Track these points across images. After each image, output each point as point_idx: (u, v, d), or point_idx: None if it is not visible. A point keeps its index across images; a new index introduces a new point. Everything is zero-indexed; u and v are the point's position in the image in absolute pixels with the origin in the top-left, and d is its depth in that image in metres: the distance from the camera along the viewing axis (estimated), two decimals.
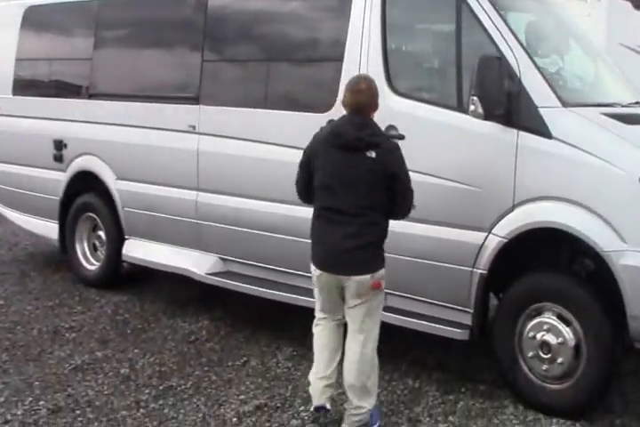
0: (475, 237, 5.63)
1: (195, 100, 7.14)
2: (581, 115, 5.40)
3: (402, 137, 5.79)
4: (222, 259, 7.22)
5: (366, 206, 4.82)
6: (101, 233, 8.27)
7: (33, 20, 8.94)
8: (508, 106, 5.37)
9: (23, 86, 8.99)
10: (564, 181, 5.30)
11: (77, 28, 8.49)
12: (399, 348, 6.59)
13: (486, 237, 5.59)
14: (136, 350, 6.52)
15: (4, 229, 10.77)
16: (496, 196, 5.54)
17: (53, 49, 8.78)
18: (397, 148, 4.90)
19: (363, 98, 4.89)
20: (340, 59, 6.20)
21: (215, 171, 7.05)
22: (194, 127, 7.15)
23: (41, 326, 7.10)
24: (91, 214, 8.27)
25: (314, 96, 6.50)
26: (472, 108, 5.43)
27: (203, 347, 6.63)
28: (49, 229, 8.68)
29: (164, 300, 7.86)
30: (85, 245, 8.44)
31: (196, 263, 7.28)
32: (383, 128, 5.79)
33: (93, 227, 8.40)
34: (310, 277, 5.20)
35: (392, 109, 5.88)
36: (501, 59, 5.39)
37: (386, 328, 6.20)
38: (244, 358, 6.39)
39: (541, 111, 5.35)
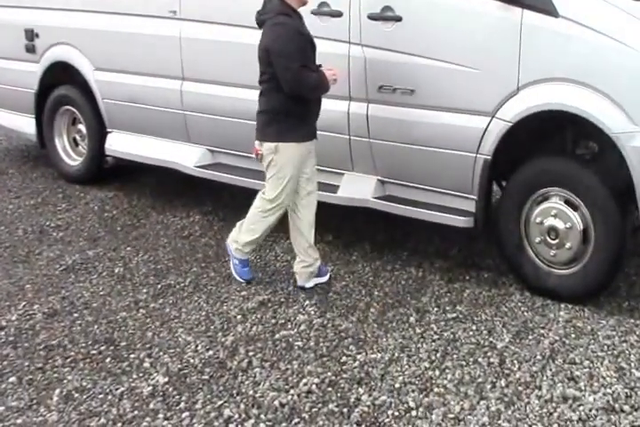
0: (477, 121, 5.40)
1: None
2: None
3: (399, 18, 5.48)
4: (210, 151, 6.95)
5: (264, 80, 5.25)
6: (81, 127, 7.94)
7: None
8: None
9: None
10: (572, 62, 5.02)
11: None
12: (397, 237, 6.46)
13: (490, 122, 5.35)
14: (128, 248, 6.32)
15: None
16: (499, 78, 5.27)
17: None
18: (278, 24, 5.11)
19: None
20: None
21: (200, 58, 6.70)
22: (175, 12, 6.76)
23: (25, 225, 6.87)
24: (69, 108, 7.90)
25: None
26: None
27: (197, 242, 6.45)
28: (25, 123, 8.32)
29: (151, 195, 7.62)
30: (65, 139, 8.11)
31: (184, 156, 7.02)
32: (379, 9, 5.52)
33: (72, 120, 8.05)
34: None
35: None
36: None
37: (383, 218, 6.12)
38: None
39: None
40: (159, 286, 5.62)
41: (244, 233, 5.52)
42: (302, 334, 4.93)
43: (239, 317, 5.16)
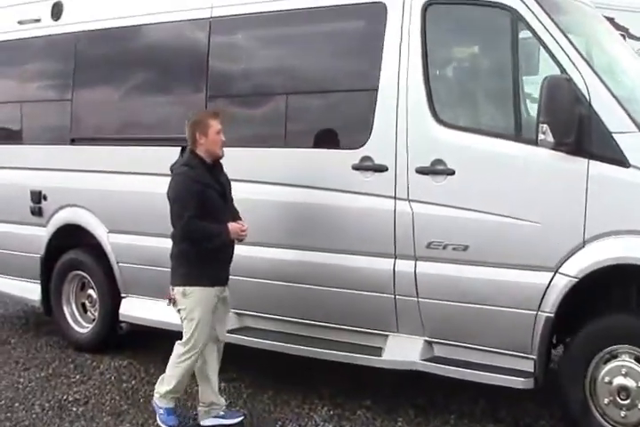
0: (539, 277, 5.17)
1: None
2: None
3: (451, 172, 5.31)
4: (237, 313, 6.57)
5: (172, 225, 5.45)
6: (92, 292, 7.56)
7: None
8: (578, 132, 4.89)
9: None
10: None
11: (53, 65, 7.77)
12: (439, 398, 6.09)
13: (552, 277, 5.12)
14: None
15: None
16: (563, 232, 5.07)
17: (24, 90, 7.99)
18: (177, 174, 5.41)
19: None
20: (375, 88, 5.67)
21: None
22: None
23: (41, 400, 6.33)
24: (79, 272, 7.54)
25: (344, 131, 5.98)
26: (541, 136, 4.93)
27: None
28: (28, 289, 7.89)
29: (165, 362, 7.11)
30: (74, 305, 7.68)
31: None
32: (429, 163, 5.35)
33: (82, 285, 7.65)
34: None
35: (438, 142, 5.42)
36: (570, 80, 4.91)
37: (426, 379, 5.71)
38: (279, 423, 5.80)
39: (616, 137, 4.88)
40: None
41: (165, 381, 5.60)
42: None
43: None
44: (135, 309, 7.14)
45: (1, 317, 8.92)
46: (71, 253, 7.57)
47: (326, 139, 6.03)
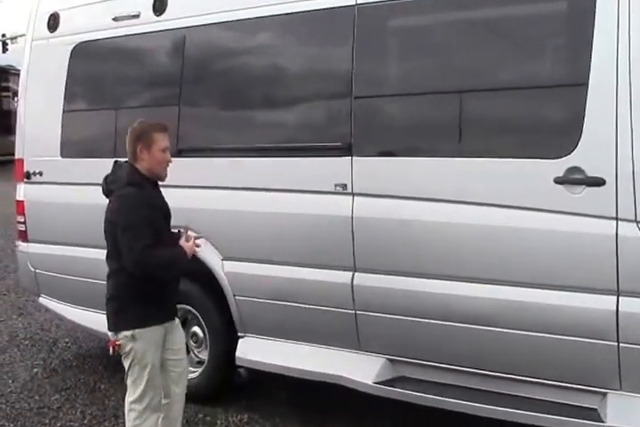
0: None
1: (344, 149, 5.38)
2: None
3: None
4: (390, 360, 5.40)
5: (111, 257, 4.74)
6: (197, 330, 6.39)
7: (85, 61, 7.10)
8: None
9: (75, 146, 7.10)
10: None
11: (155, 66, 6.70)
12: None
13: None
14: None
15: (28, 323, 8.86)
16: None
17: (119, 96, 6.92)
18: (125, 196, 4.66)
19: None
20: (583, 82, 4.53)
21: (380, 243, 5.28)
22: (344, 186, 5.38)
23: None
24: (184, 306, 6.34)
25: (542, 136, 4.81)
26: None
27: None
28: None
29: (294, 416, 5.94)
30: None
31: (356, 368, 5.47)
32: None
33: (182, 322, 6.46)
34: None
35: None
36: None
37: None
38: None
39: None
40: None
41: None
42: None
43: None
44: (257, 352, 5.96)
45: (78, 356, 7.75)
46: None
47: (517, 146, 4.89)
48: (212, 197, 6.07)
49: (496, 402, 4.92)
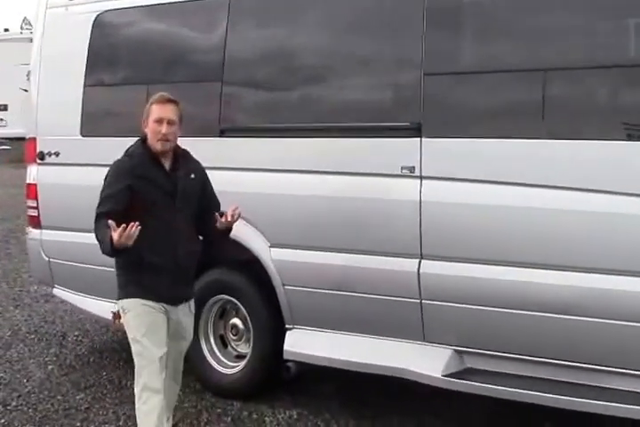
0: None
1: (412, 130, 5.06)
2: None
3: None
4: (458, 352, 5.11)
5: None
6: (237, 321, 6.02)
7: (109, 31, 6.63)
8: None
9: (97, 123, 6.61)
10: None
11: (194, 35, 6.21)
12: None
13: None
14: None
15: (29, 315, 8.45)
16: None
17: (147, 70, 6.41)
18: (112, 163, 4.72)
19: None
20: None
21: (451, 229, 4.99)
22: (411, 169, 5.08)
23: None
24: (223, 296, 6.00)
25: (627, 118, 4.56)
26: None
27: None
28: None
29: (347, 412, 5.63)
30: (212, 339, 6.12)
31: (422, 360, 5.17)
32: None
33: (220, 313, 6.13)
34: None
35: None
36: None
37: None
38: None
39: None
40: None
41: None
42: None
43: None
44: (307, 344, 5.62)
45: (93, 351, 7.33)
46: (215, 272, 6.02)
47: (605, 128, 4.62)
48: (261, 180, 5.71)
49: (574, 393, 4.67)
